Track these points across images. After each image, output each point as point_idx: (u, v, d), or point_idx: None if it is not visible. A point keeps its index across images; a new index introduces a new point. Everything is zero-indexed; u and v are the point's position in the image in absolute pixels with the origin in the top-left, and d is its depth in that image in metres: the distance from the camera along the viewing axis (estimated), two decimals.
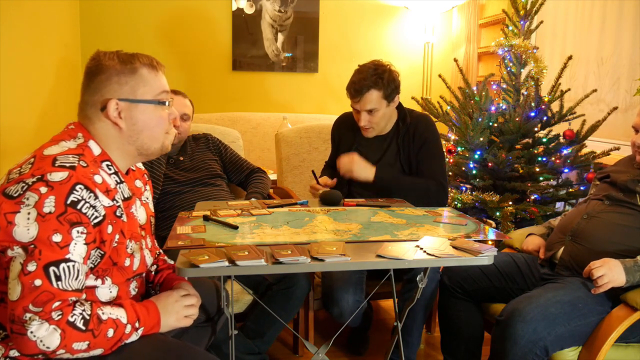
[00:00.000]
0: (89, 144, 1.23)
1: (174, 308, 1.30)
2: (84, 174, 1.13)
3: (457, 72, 3.78)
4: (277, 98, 4.13)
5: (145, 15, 3.82)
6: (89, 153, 1.21)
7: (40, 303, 1.05)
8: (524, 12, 2.82)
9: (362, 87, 2.03)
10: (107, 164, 1.25)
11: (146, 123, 1.27)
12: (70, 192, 1.09)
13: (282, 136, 2.81)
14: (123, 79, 1.24)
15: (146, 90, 1.26)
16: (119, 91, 1.24)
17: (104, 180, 1.19)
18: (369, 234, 1.48)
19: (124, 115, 1.24)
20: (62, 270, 1.08)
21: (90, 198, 1.12)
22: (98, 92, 1.23)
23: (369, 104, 2.04)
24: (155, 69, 1.29)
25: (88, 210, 1.12)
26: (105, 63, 1.24)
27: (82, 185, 1.11)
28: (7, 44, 2.45)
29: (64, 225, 1.08)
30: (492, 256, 1.32)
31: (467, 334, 1.93)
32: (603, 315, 1.62)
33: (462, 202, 2.68)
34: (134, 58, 1.26)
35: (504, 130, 2.76)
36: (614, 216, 1.77)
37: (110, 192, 1.19)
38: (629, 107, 2.86)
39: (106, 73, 1.23)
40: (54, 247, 1.07)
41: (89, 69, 1.25)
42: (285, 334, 2.43)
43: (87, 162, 1.16)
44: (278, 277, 1.97)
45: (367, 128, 2.11)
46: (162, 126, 1.30)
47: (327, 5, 4.08)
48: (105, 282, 1.23)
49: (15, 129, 2.54)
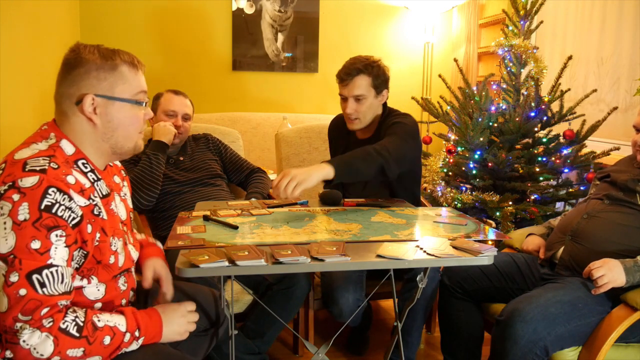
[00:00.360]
0: (61, 144, 1.20)
1: (179, 322, 1.29)
2: (55, 176, 1.10)
3: (457, 72, 3.78)
4: (277, 98, 4.13)
5: (145, 15, 3.82)
6: (60, 154, 1.18)
7: (28, 311, 1.04)
8: (524, 12, 2.82)
9: (352, 70, 2.01)
10: (82, 162, 1.22)
11: (121, 121, 1.24)
12: (43, 197, 1.07)
13: (282, 136, 2.81)
14: (102, 75, 1.21)
15: (125, 88, 1.24)
16: (97, 86, 1.21)
17: (77, 180, 1.16)
18: (369, 234, 1.49)
19: (100, 111, 1.22)
20: (45, 277, 1.06)
21: (65, 200, 1.10)
22: (75, 85, 1.21)
23: (357, 89, 2.01)
24: (135, 68, 1.26)
25: (64, 212, 1.10)
26: (85, 56, 1.21)
27: (55, 188, 1.09)
28: (7, 43, 2.45)
29: (41, 231, 1.06)
30: (492, 256, 1.32)
31: (467, 334, 1.93)
32: (603, 315, 1.62)
33: (462, 202, 2.68)
34: (115, 54, 1.24)
35: (504, 130, 2.76)
36: (614, 216, 1.77)
37: (85, 191, 1.17)
38: (629, 107, 2.87)
39: (85, 66, 1.20)
40: (33, 255, 1.06)
41: (68, 60, 1.22)
42: (285, 334, 2.43)
43: (58, 164, 1.13)
44: (278, 277, 1.96)
45: (353, 119, 2.07)
46: (136, 126, 1.28)
47: (327, 5, 4.08)
48: (91, 282, 1.21)
49: (15, 128, 2.54)
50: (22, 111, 2.69)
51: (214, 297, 1.59)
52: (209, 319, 1.55)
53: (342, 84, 2.04)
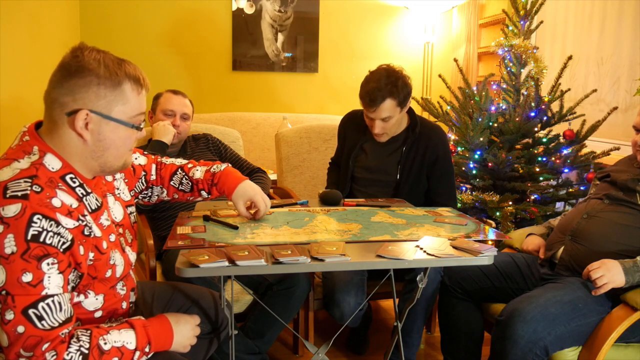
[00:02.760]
0: (45, 161, 1.11)
1: (188, 335, 1.27)
2: (39, 201, 1.03)
3: (457, 72, 3.78)
4: (277, 98, 4.13)
5: (145, 15, 3.82)
6: (43, 172, 1.09)
7: (29, 348, 1.01)
8: (524, 12, 2.82)
9: (377, 97, 1.98)
10: (70, 177, 1.14)
11: (114, 142, 1.16)
12: (28, 226, 1.01)
13: (282, 136, 2.81)
14: (102, 91, 1.12)
15: (124, 109, 1.15)
16: (94, 103, 1.11)
17: (63, 202, 1.08)
18: (369, 234, 1.48)
19: (92, 128, 1.13)
20: (42, 310, 1.02)
21: (52, 226, 1.03)
22: (70, 95, 1.11)
23: (384, 113, 2.01)
24: (139, 86, 1.18)
25: (52, 239, 1.03)
26: (88, 65, 1.11)
27: (40, 215, 1.02)
28: (7, 43, 2.44)
29: (31, 263, 1.00)
30: (492, 256, 1.32)
31: (467, 334, 1.93)
32: (603, 315, 1.62)
33: (462, 202, 2.68)
34: (121, 69, 1.14)
35: (504, 130, 2.76)
36: (614, 215, 1.77)
37: (73, 212, 1.09)
38: (629, 107, 2.87)
39: (86, 78, 1.11)
40: (26, 289, 1.00)
41: (68, 65, 1.12)
42: (285, 334, 2.42)
43: (41, 186, 1.06)
44: (278, 277, 1.96)
45: (380, 134, 2.10)
46: (127, 146, 1.21)
47: (327, 5, 4.08)
48: (88, 296, 1.18)
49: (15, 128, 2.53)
50: (22, 111, 2.69)
51: (215, 300, 1.59)
52: (210, 322, 1.55)
53: (369, 109, 2.03)
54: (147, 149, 2.20)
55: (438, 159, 2.12)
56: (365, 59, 4.20)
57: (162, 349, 1.21)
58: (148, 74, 1.30)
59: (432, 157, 2.12)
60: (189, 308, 1.53)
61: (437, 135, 2.16)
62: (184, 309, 1.52)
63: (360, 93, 2.04)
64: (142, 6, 3.80)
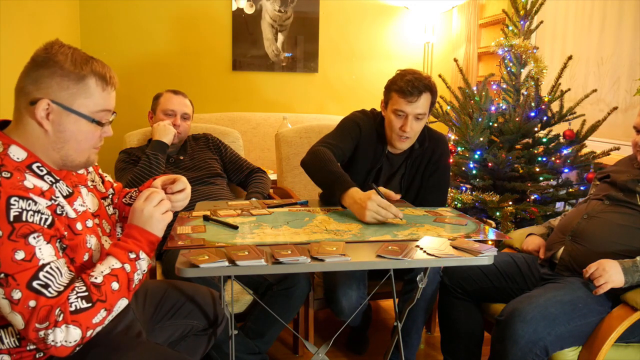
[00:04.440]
0: (9, 151, 1.13)
1: (150, 213, 1.24)
2: (11, 185, 1.05)
3: (457, 72, 3.78)
4: (277, 98, 4.13)
5: (145, 15, 3.82)
6: (9, 162, 1.11)
7: (43, 319, 1.04)
8: (524, 12, 2.82)
9: (419, 86, 1.86)
10: (37, 166, 1.16)
11: (74, 134, 1.17)
12: (7, 209, 1.03)
13: (282, 136, 2.81)
14: (65, 83, 1.14)
15: (86, 102, 1.16)
16: (57, 93, 1.14)
17: (35, 184, 1.10)
18: (369, 234, 1.48)
19: (53, 118, 1.14)
20: (45, 279, 1.05)
21: (30, 205, 1.06)
22: (34, 84, 1.14)
23: (421, 108, 1.89)
24: (105, 83, 1.18)
25: (34, 217, 1.06)
26: (55, 58, 1.13)
27: (16, 196, 1.05)
28: (7, 43, 2.44)
29: (19, 241, 1.03)
30: (492, 256, 1.32)
31: (467, 334, 1.93)
32: (603, 315, 1.62)
33: (462, 202, 2.68)
34: (87, 64, 1.16)
35: (504, 130, 2.76)
36: (614, 216, 1.77)
37: (45, 192, 1.11)
38: (629, 107, 2.87)
39: (51, 69, 1.13)
40: (23, 265, 1.03)
41: (37, 57, 1.15)
42: (285, 334, 2.43)
43: (10, 171, 1.08)
44: (278, 277, 1.96)
45: (406, 137, 1.94)
46: (90, 142, 1.21)
47: (327, 5, 4.08)
48: None
49: None
50: None
51: (212, 297, 1.59)
52: (207, 318, 1.55)
53: (407, 99, 1.87)
54: (147, 148, 2.20)
55: (438, 170, 2.06)
56: (365, 59, 4.20)
57: (148, 243, 1.23)
58: (148, 74, 1.29)
59: (433, 168, 2.05)
60: (184, 304, 1.53)
61: (442, 147, 2.07)
62: (178, 305, 1.52)
63: (397, 84, 1.90)
64: (142, 6, 3.80)
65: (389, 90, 1.95)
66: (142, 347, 1.22)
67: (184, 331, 1.53)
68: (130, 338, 1.32)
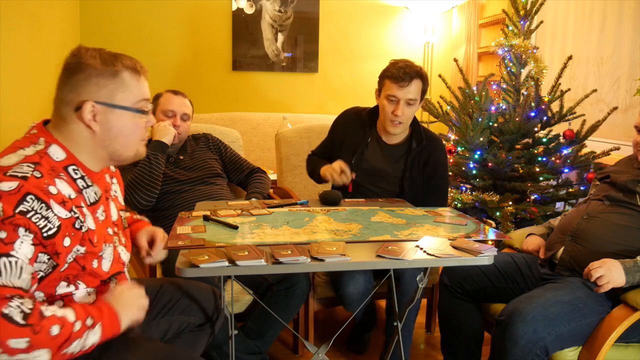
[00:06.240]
0: (50, 150, 1.16)
1: (127, 298, 1.21)
2: (36, 184, 1.06)
3: (457, 72, 3.78)
4: (277, 98, 4.13)
5: (145, 15, 3.82)
6: (47, 161, 1.14)
7: None
8: (524, 12, 2.82)
9: (410, 72, 1.96)
10: (72, 168, 1.18)
11: (121, 130, 1.21)
12: (20, 202, 1.03)
13: (282, 136, 2.81)
14: (102, 81, 1.18)
15: (125, 96, 1.20)
16: (97, 93, 1.17)
17: (60, 191, 1.11)
18: (369, 234, 1.48)
19: (99, 119, 1.18)
20: (2, 265, 1.00)
21: (42, 209, 1.06)
22: (74, 91, 1.17)
23: (412, 93, 1.99)
24: (137, 74, 1.23)
25: (39, 220, 1.05)
26: (86, 61, 1.17)
27: (34, 195, 1.05)
28: (7, 43, 2.44)
29: (8, 227, 1.02)
30: (492, 256, 1.32)
31: (467, 334, 1.93)
32: (603, 315, 1.62)
33: (462, 202, 2.68)
34: (117, 60, 1.20)
35: (504, 130, 2.76)
36: (614, 216, 1.77)
37: (67, 202, 1.11)
38: (629, 107, 2.87)
39: (85, 72, 1.17)
40: None
41: (68, 64, 1.19)
42: (285, 334, 2.42)
43: (42, 172, 1.09)
44: (278, 277, 1.97)
45: (398, 122, 2.03)
46: (137, 134, 1.25)
47: (327, 5, 4.08)
48: (79, 287, 1.17)
49: (14, 128, 2.53)
50: (22, 111, 2.69)
51: (213, 293, 1.59)
52: (205, 314, 1.54)
53: (398, 84, 1.98)
54: (147, 149, 2.20)
55: (436, 172, 2.13)
56: (365, 59, 4.20)
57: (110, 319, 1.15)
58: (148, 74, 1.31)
59: (432, 170, 2.12)
60: (180, 299, 1.52)
61: (439, 148, 2.16)
62: (174, 300, 1.52)
63: (389, 71, 2.00)
64: (142, 6, 3.80)
65: (382, 78, 2.06)
66: (137, 344, 1.21)
67: (179, 327, 1.52)
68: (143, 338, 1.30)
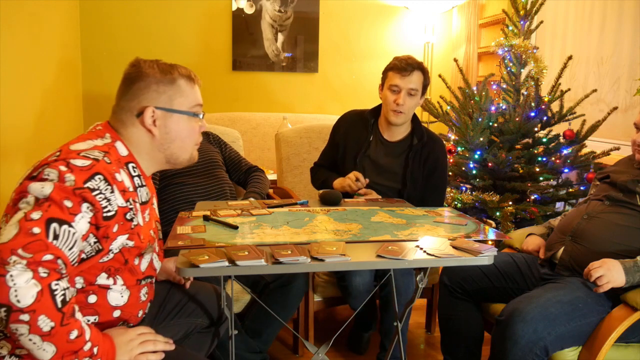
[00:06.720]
0: (116, 145, 1.25)
1: (128, 346, 1.21)
2: (106, 167, 1.14)
3: (457, 72, 3.78)
4: (277, 98, 4.13)
5: (145, 15, 3.82)
6: (114, 152, 1.22)
7: (31, 250, 0.99)
8: (524, 12, 2.82)
9: (412, 63, 2.04)
10: (132, 166, 1.26)
11: (179, 133, 1.30)
12: (90, 178, 1.10)
13: (282, 136, 2.81)
14: (162, 88, 1.27)
15: (182, 101, 1.30)
16: (157, 99, 1.27)
17: (123, 181, 1.19)
18: (369, 234, 1.48)
19: (159, 123, 1.28)
20: (62, 231, 1.04)
21: (107, 191, 1.13)
22: (136, 99, 1.27)
23: (413, 83, 2.05)
24: (192, 82, 1.34)
25: (102, 200, 1.11)
26: (146, 71, 1.27)
27: (102, 176, 1.12)
28: (7, 43, 2.45)
29: (76, 197, 1.07)
30: (492, 256, 1.32)
31: (467, 334, 1.93)
32: (603, 315, 1.62)
33: (462, 202, 2.68)
34: (174, 69, 1.30)
35: (504, 130, 2.76)
36: (614, 216, 1.77)
37: (126, 193, 1.19)
38: (629, 107, 2.86)
39: (146, 81, 1.27)
40: (63, 209, 1.05)
41: (129, 74, 1.28)
42: (286, 333, 2.42)
43: (111, 160, 1.18)
44: (275, 275, 1.97)
45: (400, 112, 2.07)
46: (192, 138, 1.34)
47: (327, 5, 4.08)
48: (117, 282, 1.22)
49: (14, 128, 2.54)
50: (22, 111, 2.69)
51: (216, 294, 1.59)
52: (210, 316, 1.56)
53: (401, 74, 2.04)
54: None
55: (436, 170, 2.15)
56: (365, 59, 4.20)
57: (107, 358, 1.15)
58: None
59: (431, 167, 2.15)
60: (187, 303, 1.54)
61: (439, 147, 2.19)
62: (181, 304, 1.54)
63: (391, 63, 2.08)
64: (142, 6, 3.80)
65: (385, 72, 2.13)
66: None
67: (187, 329, 1.54)
68: None
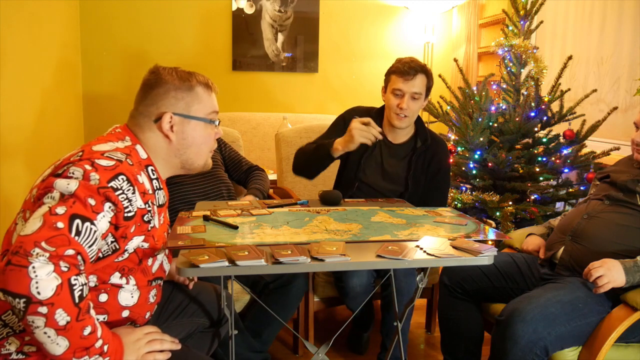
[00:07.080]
0: (136, 147, 1.28)
1: (135, 346, 1.22)
2: (128, 169, 1.16)
3: (457, 72, 3.78)
4: (277, 98, 4.13)
5: (145, 15, 3.82)
6: (135, 155, 1.25)
7: (54, 244, 0.99)
8: (524, 12, 2.82)
9: (415, 67, 2.02)
10: (151, 169, 1.29)
11: (195, 139, 1.33)
12: (113, 178, 1.12)
13: (282, 136, 2.81)
14: (180, 95, 1.30)
15: (199, 108, 1.33)
16: (175, 105, 1.30)
17: (144, 183, 1.21)
18: (369, 234, 1.48)
19: (176, 129, 1.30)
20: (84, 228, 1.05)
21: (129, 191, 1.15)
22: (154, 105, 1.29)
23: (417, 87, 2.03)
24: (209, 89, 1.36)
25: (124, 200, 1.13)
26: (165, 77, 1.30)
27: (125, 176, 1.14)
28: (7, 43, 2.45)
29: (100, 196, 1.09)
30: (492, 256, 1.32)
31: (467, 334, 1.93)
32: (603, 315, 1.62)
33: (462, 202, 2.68)
34: (192, 76, 1.33)
35: (504, 130, 2.76)
36: (614, 216, 1.77)
37: (146, 195, 1.21)
38: (629, 107, 2.86)
39: (164, 87, 1.30)
40: (87, 206, 1.07)
41: (148, 81, 1.31)
42: (286, 333, 2.43)
43: (132, 162, 1.20)
44: (275, 275, 1.97)
45: (403, 116, 2.05)
46: (208, 144, 1.37)
47: (327, 5, 4.08)
48: (129, 282, 1.23)
49: (14, 128, 2.54)
50: (22, 111, 2.69)
51: (215, 293, 1.60)
52: (209, 316, 1.57)
53: (404, 78, 2.02)
54: None
55: (439, 172, 2.15)
56: (365, 59, 4.20)
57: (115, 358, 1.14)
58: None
59: (435, 169, 2.14)
60: (189, 304, 1.55)
61: (443, 149, 2.19)
62: (184, 304, 1.55)
63: (394, 66, 2.06)
64: (142, 6, 3.80)
65: (388, 75, 2.11)
66: None
67: (190, 329, 1.55)
68: None
